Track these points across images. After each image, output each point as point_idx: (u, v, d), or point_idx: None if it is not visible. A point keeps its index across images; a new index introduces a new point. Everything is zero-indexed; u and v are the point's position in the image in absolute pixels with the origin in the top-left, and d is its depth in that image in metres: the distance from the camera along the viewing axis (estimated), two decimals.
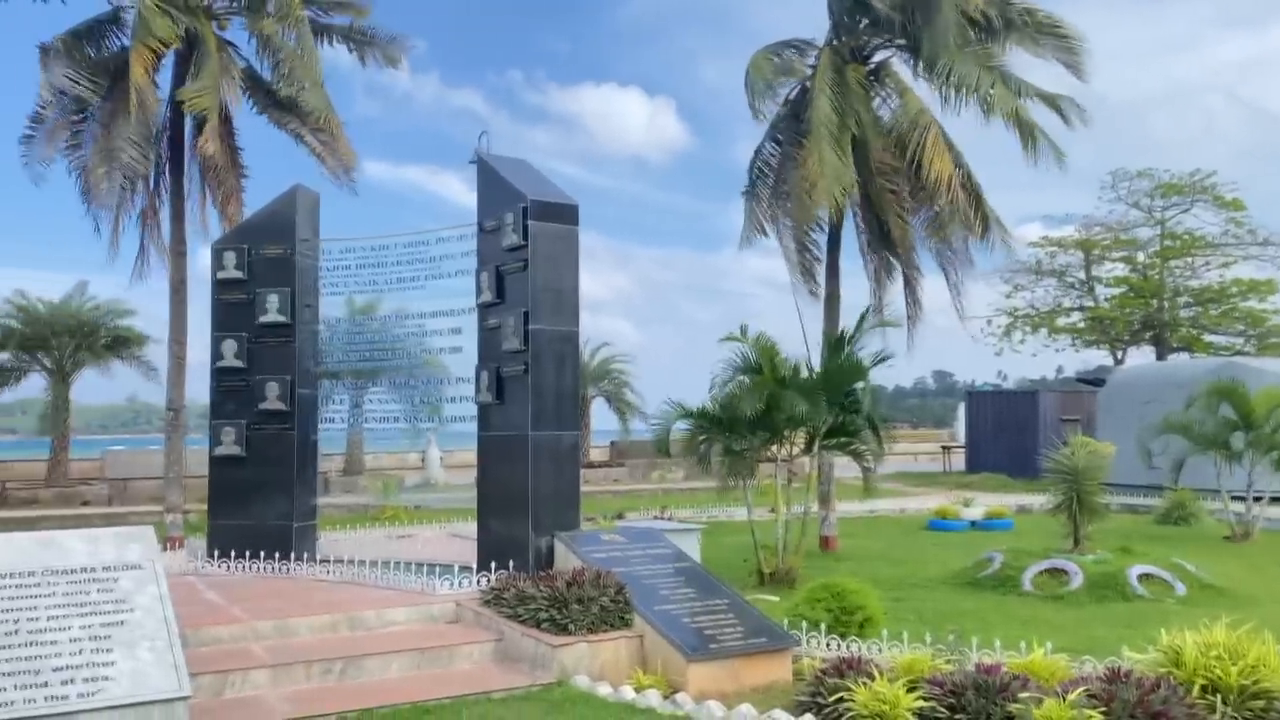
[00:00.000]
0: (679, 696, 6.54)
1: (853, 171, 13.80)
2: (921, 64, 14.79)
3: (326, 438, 11.51)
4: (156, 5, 13.81)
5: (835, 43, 15.19)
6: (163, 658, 5.36)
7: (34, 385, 26.55)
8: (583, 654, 7.08)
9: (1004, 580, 10.86)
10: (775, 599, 9.67)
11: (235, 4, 16.13)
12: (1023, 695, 5.60)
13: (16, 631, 5.31)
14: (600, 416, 32.50)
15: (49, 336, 25.27)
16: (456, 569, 8.93)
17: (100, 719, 4.95)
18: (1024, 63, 14.94)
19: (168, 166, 16.16)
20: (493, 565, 8.54)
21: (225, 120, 15.69)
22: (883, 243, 15.61)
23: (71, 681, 5.08)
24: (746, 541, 11.79)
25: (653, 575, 8.05)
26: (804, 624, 7.76)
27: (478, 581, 8.43)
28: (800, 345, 12.08)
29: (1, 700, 4.86)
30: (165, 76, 15.61)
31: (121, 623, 5.53)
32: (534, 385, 8.86)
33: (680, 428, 12.02)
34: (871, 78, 15.29)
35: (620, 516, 15.99)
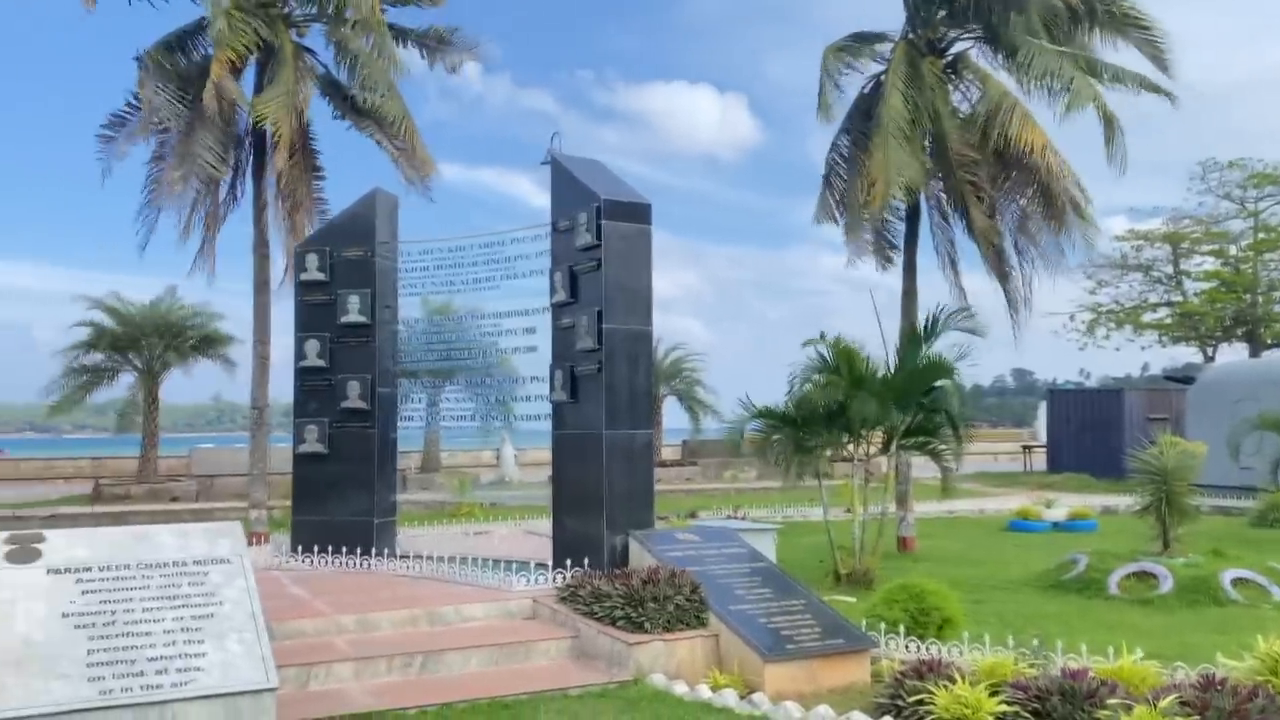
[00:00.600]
0: (756, 696, 6.51)
1: (922, 167, 13.57)
2: (1001, 55, 14.50)
3: (404, 435, 11.72)
4: (235, 14, 14.19)
5: (911, 36, 14.96)
6: (251, 650, 5.50)
7: (125, 385, 27.56)
8: (658, 652, 7.08)
9: (1089, 583, 10.57)
10: (852, 600, 9.56)
11: (314, 11, 16.49)
12: (1111, 702, 5.45)
13: (114, 623, 5.49)
14: (672, 415, 32.53)
15: (140, 338, 26.19)
16: (533, 566, 9.02)
17: (192, 708, 5.10)
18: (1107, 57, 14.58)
19: (250, 171, 16.62)
20: (568, 562, 8.60)
21: (302, 126, 16.08)
22: (966, 236, 15.35)
23: (165, 671, 5.24)
24: (822, 542, 11.67)
25: (728, 575, 8.02)
26: (882, 625, 7.65)
27: (553, 579, 8.50)
28: (878, 344, 11.85)
29: (101, 688, 5.04)
30: (248, 82, 16.07)
31: (211, 615, 5.69)
32: (608, 384, 8.90)
33: (753, 427, 11.96)
34: (949, 70, 15.03)
35: (693, 515, 15.97)
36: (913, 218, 14.83)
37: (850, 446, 11.64)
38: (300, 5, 16.49)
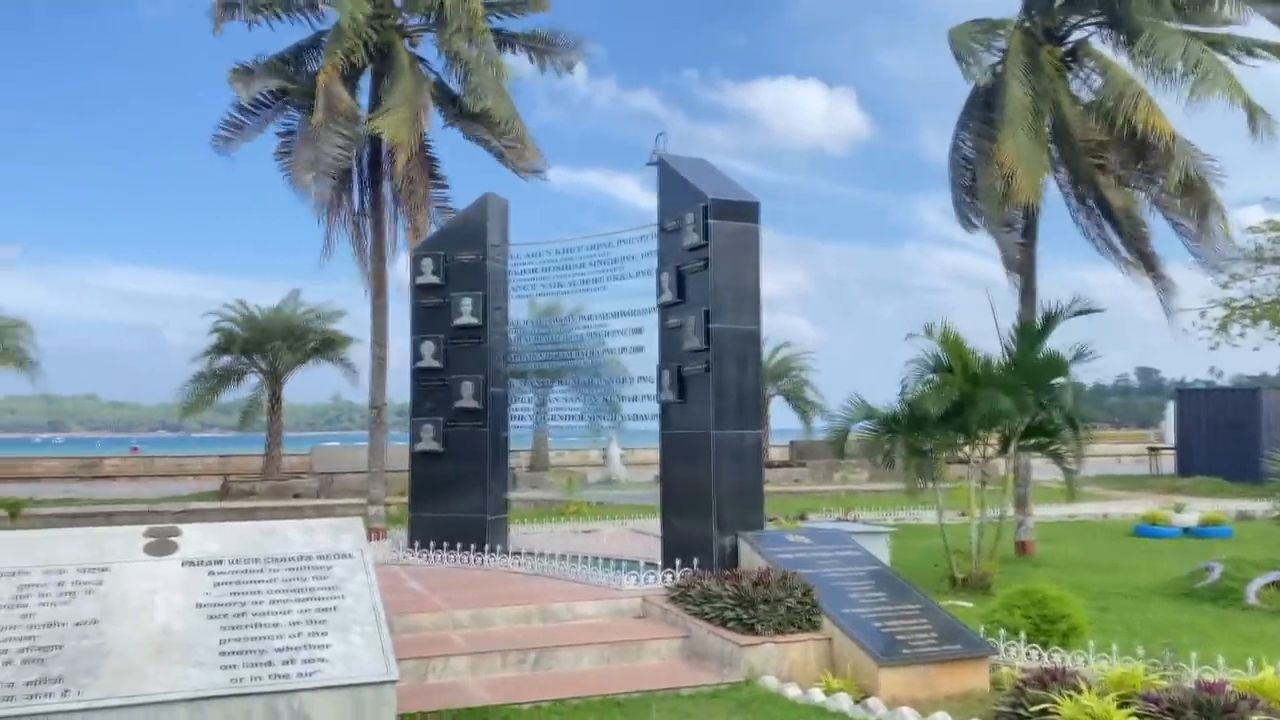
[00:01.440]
0: (870, 701, 6.39)
1: (1050, 157, 13.12)
2: (1123, 40, 13.91)
3: (514, 435, 11.92)
4: (356, 18, 14.66)
5: (1027, 24, 14.49)
6: (372, 642, 5.65)
7: (250, 386, 28.80)
8: (770, 654, 7.02)
9: (1224, 592, 10.05)
10: (969, 605, 9.31)
11: (426, 21, 16.91)
12: (1253, 718, 5.16)
13: (244, 614, 5.72)
14: (779, 415, 32.27)
15: (265, 341, 27.34)
16: (642, 565, 9.05)
17: (318, 698, 5.27)
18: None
19: (369, 179, 17.16)
20: (677, 562, 8.60)
21: (419, 130, 16.50)
22: (1104, 220, 14.82)
23: (292, 661, 5.42)
24: (936, 545, 11.40)
25: (841, 578, 7.89)
26: (1001, 632, 7.43)
27: (663, 578, 8.52)
28: (995, 342, 11.49)
29: (233, 676, 5.25)
30: (365, 97, 16.60)
31: (335, 608, 5.87)
32: (715, 384, 8.87)
33: (862, 428, 11.74)
34: (1068, 59, 14.50)
35: (803, 517, 15.79)
36: (1033, 212, 14.35)
37: (966, 448, 11.33)
38: (412, 16, 16.94)
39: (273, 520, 7.00)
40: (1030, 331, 11.29)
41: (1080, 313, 11.06)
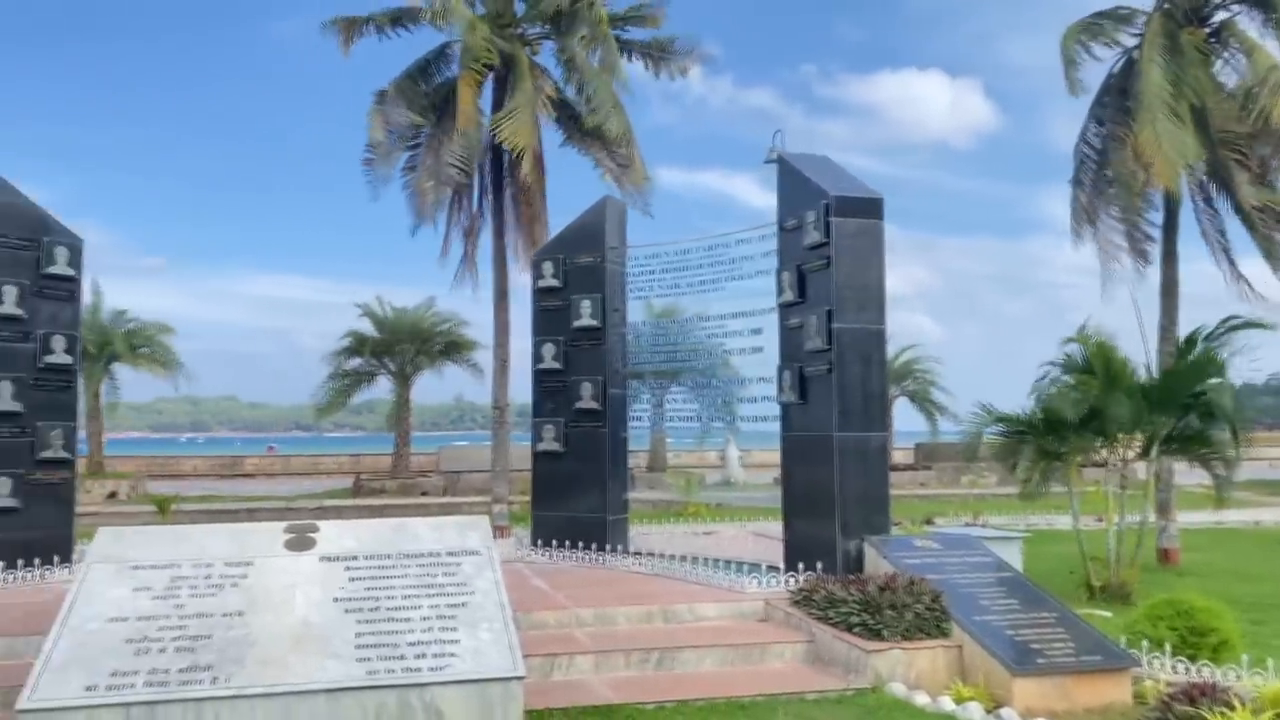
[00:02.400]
0: (1003, 712, 6.17)
1: (1197, 142, 12.43)
2: (1275, 22, 13.11)
3: (632, 435, 11.97)
4: (479, 28, 15.01)
5: (1167, 5, 13.78)
6: (500, 639, 5.75)
7: (379, 387, 29.85)
8: (897, 660, 6.86)
9: None
10: (1108, 615, 8.90)
11: (546, 29, 17.18)
12: None
13: (378, 608, 5.90)
14: (903, 416, 31.61)
15: (394, 344, 28.27)
16: (764, 568, 8.97)
17: (448, 692, 5.39)
18: None
19: (490, 185, 17.54)
20: (800, 566, 8.49)
21: (537, 138, 16.79)
22: (1237, 218, 13.99)
23: (423, 656, 5.56)
24: (1072, 552, 10.94)
25: (971, 584, 7.65)
26: (1144, 643, 7.07)
27: (785, 582, 8.42)
28: (1132, 340, 10.97)
29: (368, 669, 5.42)
30: (486, 102, 16.98)
31: (464, 604, 6.00)
32: (838, 385, 8.71)
33: (996, 432, 11.34)
34: (1212, 40, 13.74)
35: (929, 522, 15.40)
36: (1174, 202, 13.64)
37: (1104, 452, 10.84)
38: (533, 24, 17.23)
39: (403, 517, 7.22)
40: (1188, 341, 10.64)
41: (1247, 326, 10.38)
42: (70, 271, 10.15)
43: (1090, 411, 10.14)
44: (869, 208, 8.97)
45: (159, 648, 5.37)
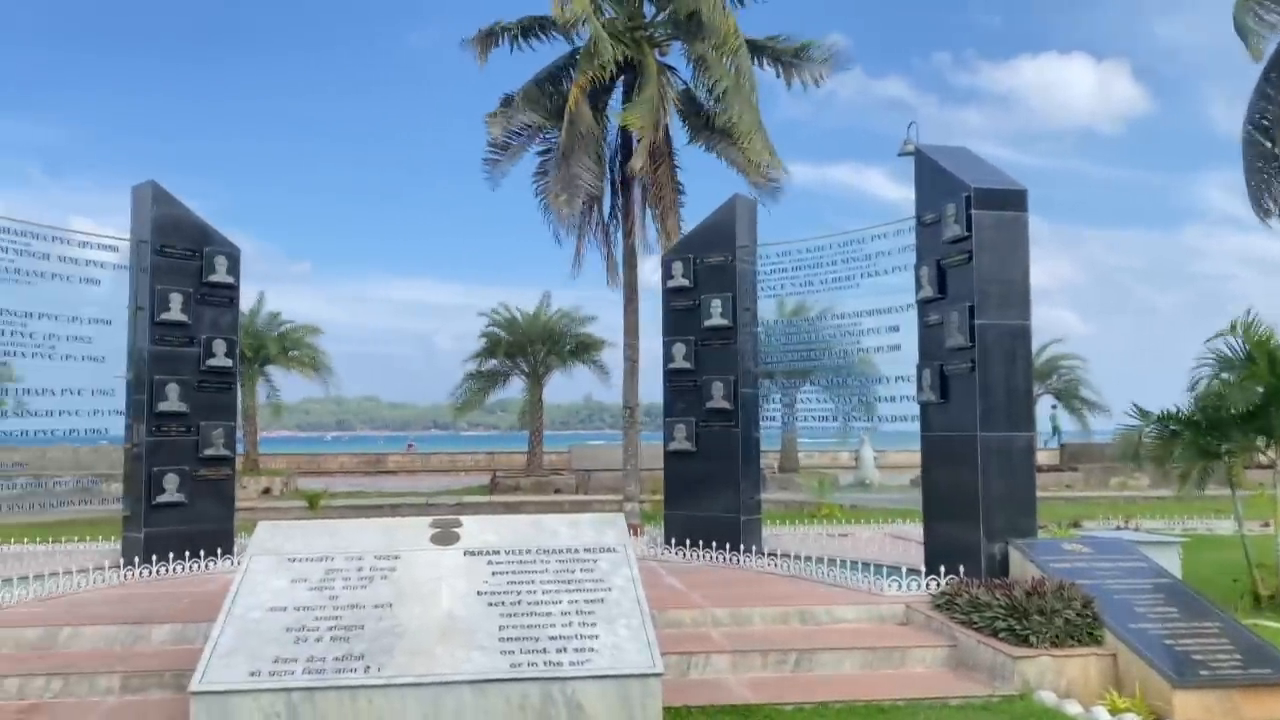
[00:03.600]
0: None
1: None
2: None
3: (765, 435, 11.88)
4: (608, 28, 15.18)
5: None
6: (637, 635, 5.80)
7: (512, 387, 30.59)
8: (1046, 668, 6.60)
9: None
10: (1278, 625, 8.35)
11: (674, 30, 17.24)
12: None
13: (519, 602, 6.04)
14: (1047, 416, 30.46)
15: (527, 344, 28.90)
16: (904, 571, 8.77)
17: (589, 687, 5.47)
18: None
19: (619, 187, 17.72)
20: (941, 569, 8.27)
21: (665, 142, 16.88)
22: None
23: (564, 650, 5.66)
24: (1234, 558, 10.32)
25: (1124, 590, 7.30)
26: None
27: (926, 585, 8.22)
28: None
29: (511, 661, 5.55)
30: (615, 107, 17.17)
31: (602, 600, 6.08)
32: (981, 383, 8.44)
33: (1148, 430, 10.77)
34: None
35: (1076, 525, 14.76)
36: None
37: (1269, 452, 10.17)
38: (661, 26, 17.32)
39: (539, 514, 7.36)
40: None
41: None
42: (229, 279, 10.75)
43: (1254, 408, 9.52)
44: (1012, 199, 8.67)
45: (315, 636, 5.63)
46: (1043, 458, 28.56)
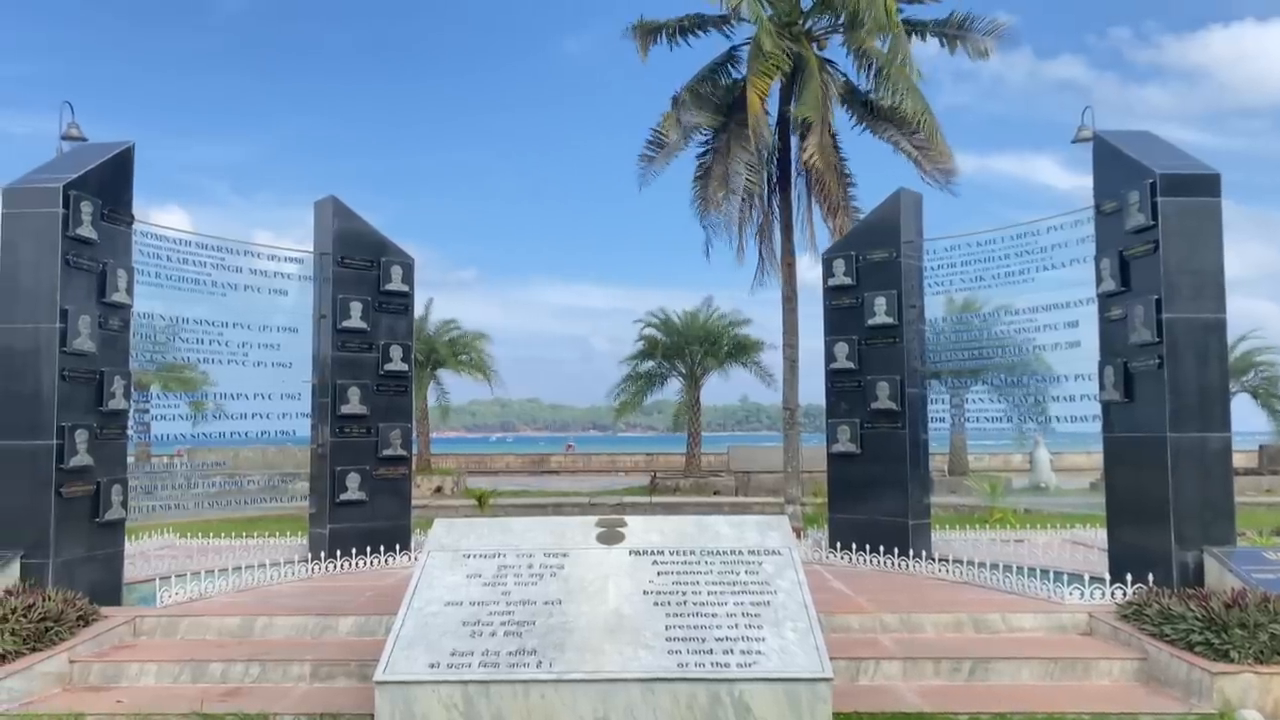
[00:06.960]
0: None
1: None
2: None
3: (933, 437, 11.52)
4: (768, 29, 15.08)
5: None
6: (805, 639, 5.72)
7: (668, 388, 30.80)
8: (1250, 685, 6.12)
9: None
10: None
11: (833, 22, 16.97)
12: None
13: (685, 602, 6.06)
14: (1241, 415, 28.34)
15: (684, 346, 29.04)
16: (1087, 579, 8.34)
17: (757, 689, 5.43)
18: None
19: (778, 185, 17.56)
20: (1128, 578, 7.82)
21: (829, 134, 16.61)
22: None
23: (730, 652, 5.64)
24: None
25: None
26: None
27: (1111, 594, 7.78)
28: None
29: (678, 661, 5.57)
30: (773, 104, 17.01)
31: (767, 603, 6.03)
32: (1170, 381, 7.94)
33: None
34: None
35: (1279, 533, 13.64)
36: None
37: None
38: (819, 20, 17.08)
39: (701, 515, 7.36)
40: None
41: None
42: (404, 288, 11.25)
43: None
44: (1203, 185, 8.11)
45: (490, 631, 5.81)
46: (1239, 460, 26.60)
